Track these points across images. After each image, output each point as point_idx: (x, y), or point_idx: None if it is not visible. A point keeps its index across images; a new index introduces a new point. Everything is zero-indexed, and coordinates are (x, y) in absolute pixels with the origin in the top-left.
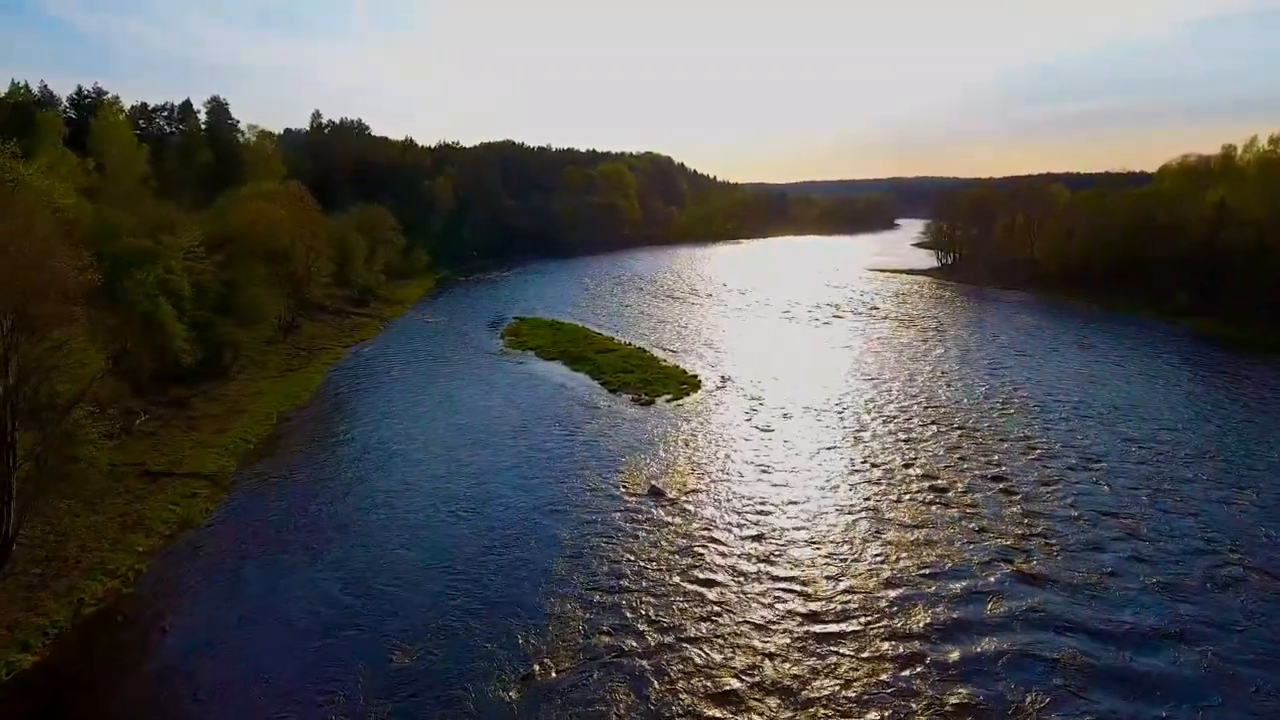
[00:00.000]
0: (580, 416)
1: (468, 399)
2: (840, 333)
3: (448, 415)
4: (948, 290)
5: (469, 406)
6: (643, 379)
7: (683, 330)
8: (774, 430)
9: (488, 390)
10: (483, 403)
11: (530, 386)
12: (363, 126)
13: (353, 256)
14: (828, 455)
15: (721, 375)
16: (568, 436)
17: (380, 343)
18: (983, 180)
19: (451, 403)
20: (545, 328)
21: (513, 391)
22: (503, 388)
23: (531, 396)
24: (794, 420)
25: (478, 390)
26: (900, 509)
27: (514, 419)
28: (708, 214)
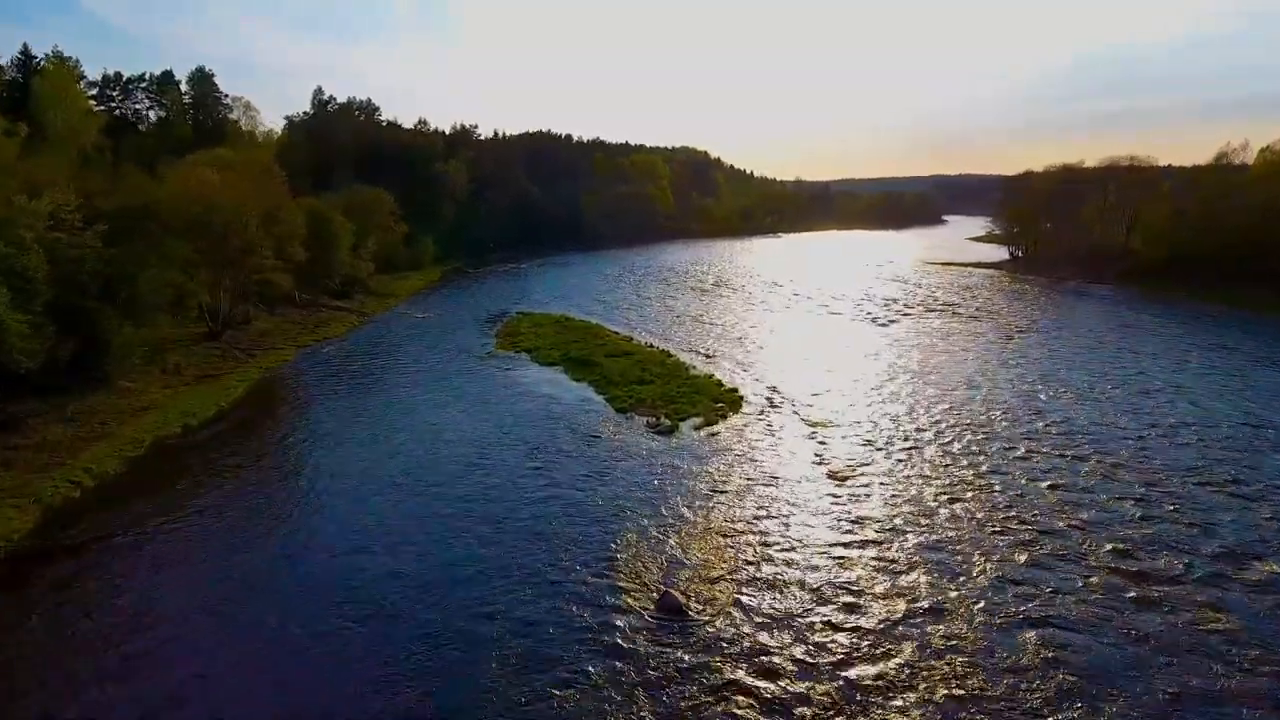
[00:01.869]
0: (568, 451)
1: (421, 420)
2: (908, 333)
3: (385, 443)
4: (1024, 284)
5: (419, 431)
6: (664, 393)
7: (718, 329)
8: (855, 480)
9: (452, 407)
10: (438, 425)
11: (511, 402)
12: (371, 107)
13: (334, 242)
14: (949, 526)
15: (768, 389)
16: (542, 488)
17: (346, 342)
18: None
19: (396, 425)
20: (549, 325)
21: (486, 410)
22: (473, 404)
23: (508, 418)
24: (880, 462)
25: (439, 407)
26: (1121, 648)
27: (470, 454)
28: (745, 207)
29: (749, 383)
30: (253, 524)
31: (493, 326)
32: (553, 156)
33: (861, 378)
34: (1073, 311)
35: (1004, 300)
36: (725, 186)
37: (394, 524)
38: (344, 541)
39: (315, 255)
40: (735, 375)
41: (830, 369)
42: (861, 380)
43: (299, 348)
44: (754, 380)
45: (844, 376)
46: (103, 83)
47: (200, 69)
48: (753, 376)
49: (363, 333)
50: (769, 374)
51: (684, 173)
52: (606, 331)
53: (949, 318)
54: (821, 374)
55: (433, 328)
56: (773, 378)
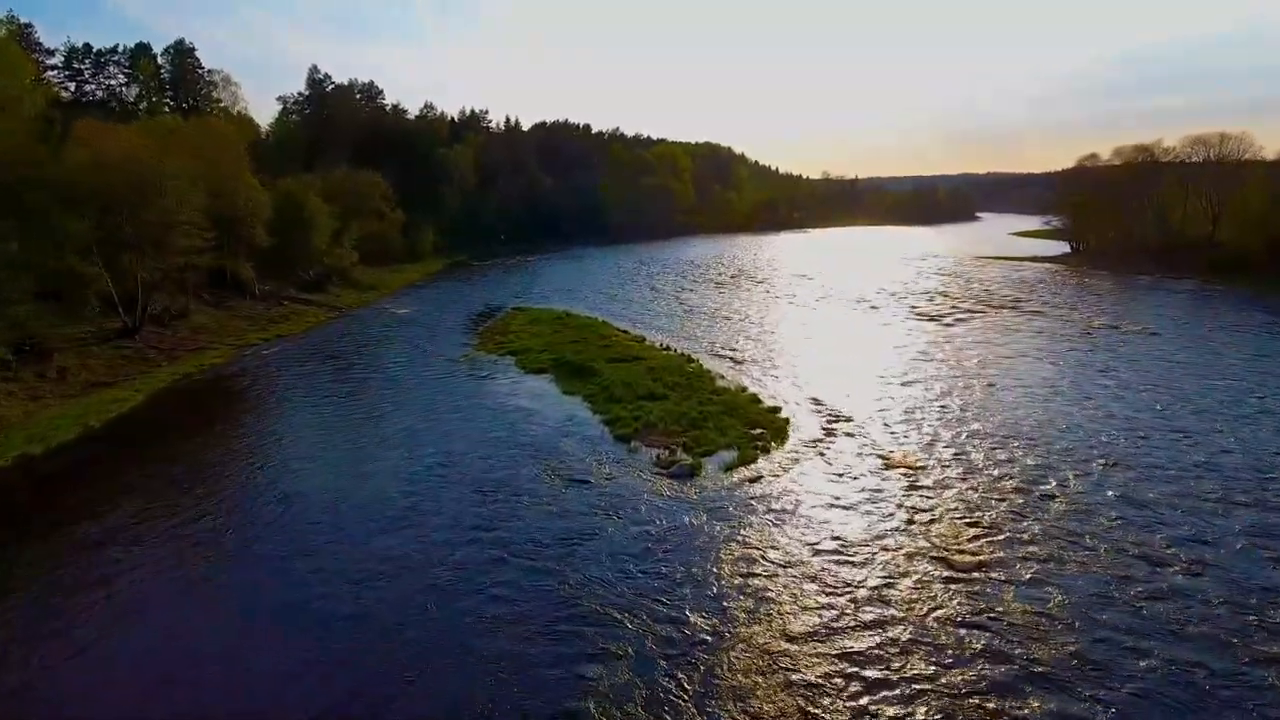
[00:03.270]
0: (536, 502)
1: (340, 452)
2: (977, 333)
3: (275, 487)
4: (1092, 279)
5: (331, 468)
6: (682, 414)
7: (746, 329)
8: (990, 573)
9: (392, 432)
10: (363, 459)
11: (474, 425)
12: (373, 90)
13: (309, 227)
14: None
15: (819, 406)
16: (475, 578)
17: (300, 342)
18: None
19: (305, 458)
20: (546, 322)
21: (435, 435)
22: (421, 427)
23: (461, 448)
24: (1018, 539)
25: (375, 432)
26: None
27: (386, 511)
28: (769, 200)
29: (792, 397)
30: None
31: (481, 324)
32: (569, 147)
33: (937, 390)
34: (1161, 310)
35: (1074, 296)
36: (748, 181)
37: (210, 651)
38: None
39: (285, 241)
40: (774, 387)
41: (890, 378)
42: (939, 394)
43: (239, 347)
44: (798, 394)
45: (914, 389)
46: (69, 54)
47: (180, 41)
48: (796, 388)
49: (326, 330)
50: (816, 385)
51: (706, 167)
52: (613, 330)
53: (1018, 315)
54: (882, 385)
55: (410, 325)
56: (822, 390)
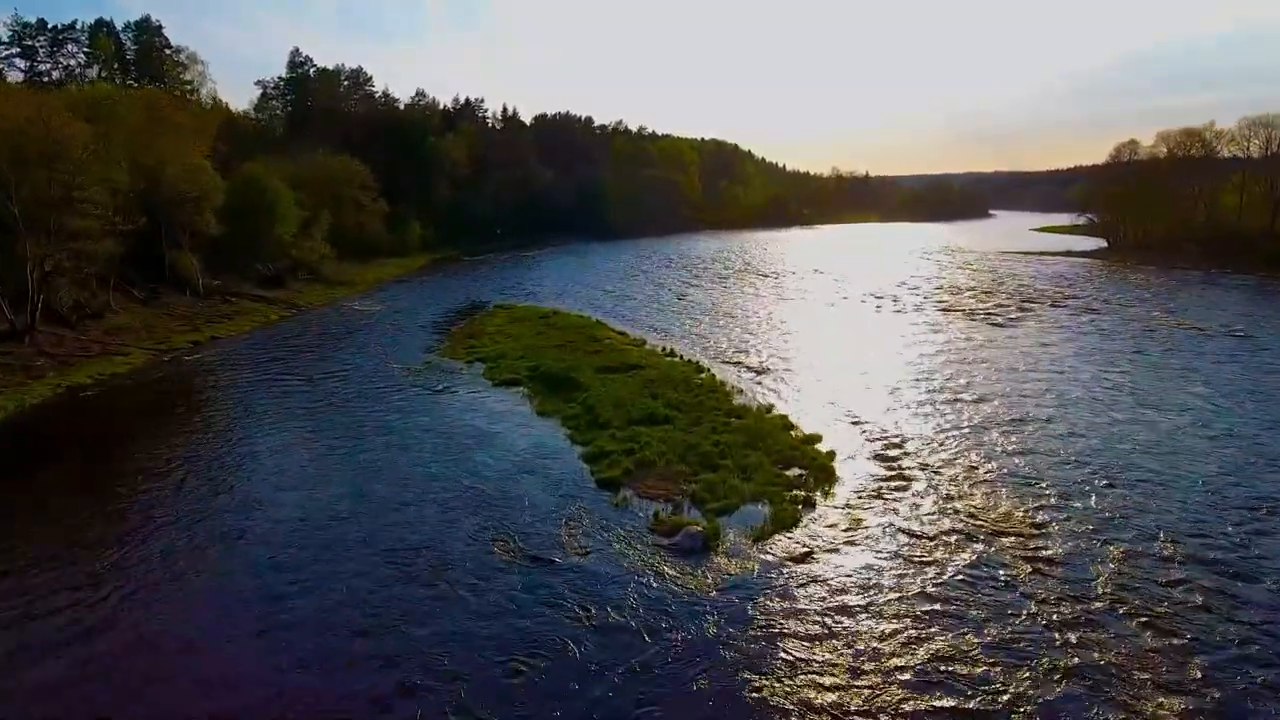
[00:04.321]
0: (460, 603)
1: (209, 501)
2: (1032, 333)
3: (124, 549)
4: (1137, 274)
5: (183, 529)
6: (690, 446)
7: (763, 330)
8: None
9: (302, 463)
10: (235, 508)
11: (411, 454)
12: (360, 77)
13: (269, 217)
14: None
15: (868, 432)
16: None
17: (237, 345)
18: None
19: (178, 504)
20: (529, 322)
21: (349, 472)
22: (341, 457)
23: (381, 493)
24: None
25: (279, 462)
26: None
27: (234, 602)
28: (778, 195)
29: (829, 418)
30: None
31: (455, 324)
32: (570, 139)
33: (1007, 406)
34: (1227, 306)
35: (1124, 292)
36: (756, 177)
37: None
38: None
39: (242, 231)
40: (804, 404)
41: (943, 390)
42: (1011, 411)
43: (158, 352)
44: (835, 413)
45: (980, 407)
46: (20, 30)
47: (146, 18)
48: (831, 406)
49: (273, 332)
50: (855, 401)
51: (713, 162)
52: (608, 332)
53: (1070, 313)
54: (935, 400)
55: (373, 325)
56: (864, 407)
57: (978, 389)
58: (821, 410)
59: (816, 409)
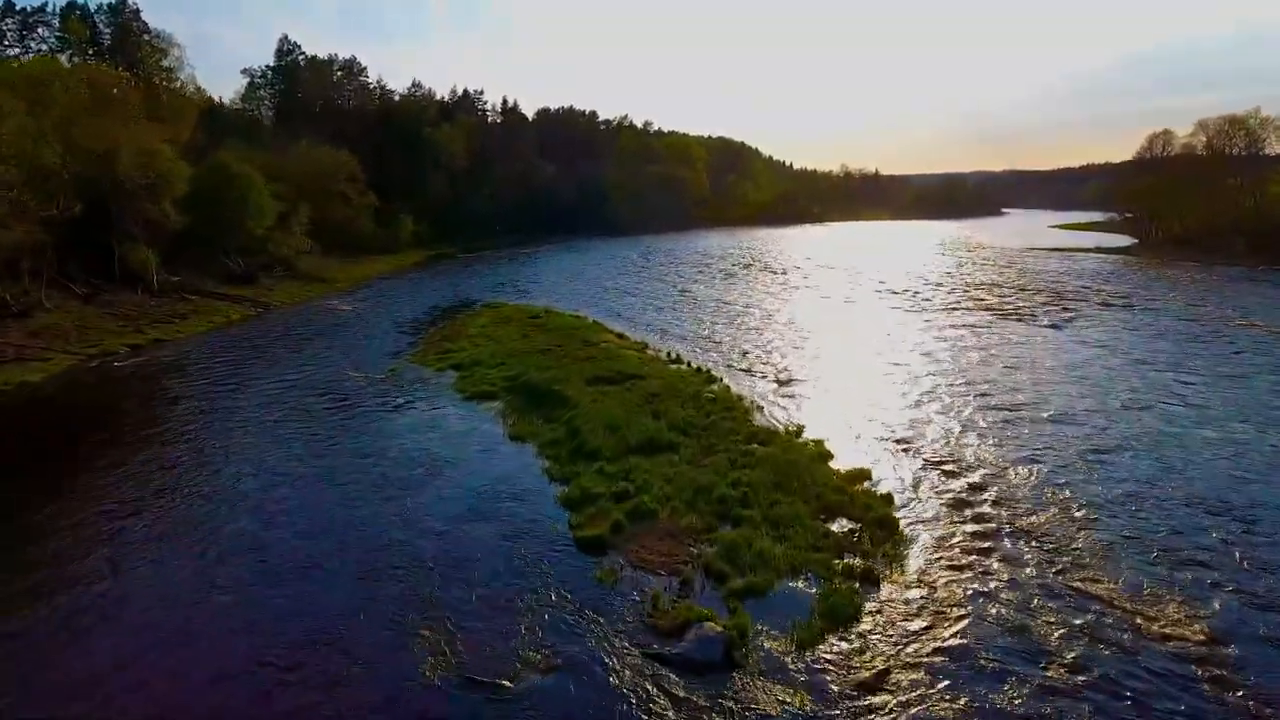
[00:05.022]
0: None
1: (55, 559)
2: (1094, 336)
3: None
4: (1179, 270)
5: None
6: (702, 487)
7: (783, 333)
8: None
9: (193, 503)
10: (91, 574)
11: (338, 490)
12: (355, 67)
13: (240, 208)
14: None
15: (925, 456)
16: None
17: (179, 350)
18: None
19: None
20: (516, 323)
21: (245, 517)
22: (247, 492)
23: (283, 545)
24: None
25: (165, 503)
26: None
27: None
28: (788, 193)
29: (876, 443)
30: None
31: (434, 325)
32: (574, 135)
33: (1096, 426)
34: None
35: (1175, 290)
36: (764, 174)
37: None
38: None
39: (208, 223)
40: (842, 422)
41: (1007, 406)
42: (1102, 435)
43: (86, 357)
44: (883, 436)
45: (1058, 426)
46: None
47: (122, 1)
48: (876, 424)
49: (229, 334)
50: (906, 420)
51: (720, 159)
52: (605, 335)
53: (1128, 312)
54: (1002, 418)
55: (344, 327)
56: (917, 428)
57: (1042, 402)
58: (862, 432)
59: (855, 430)
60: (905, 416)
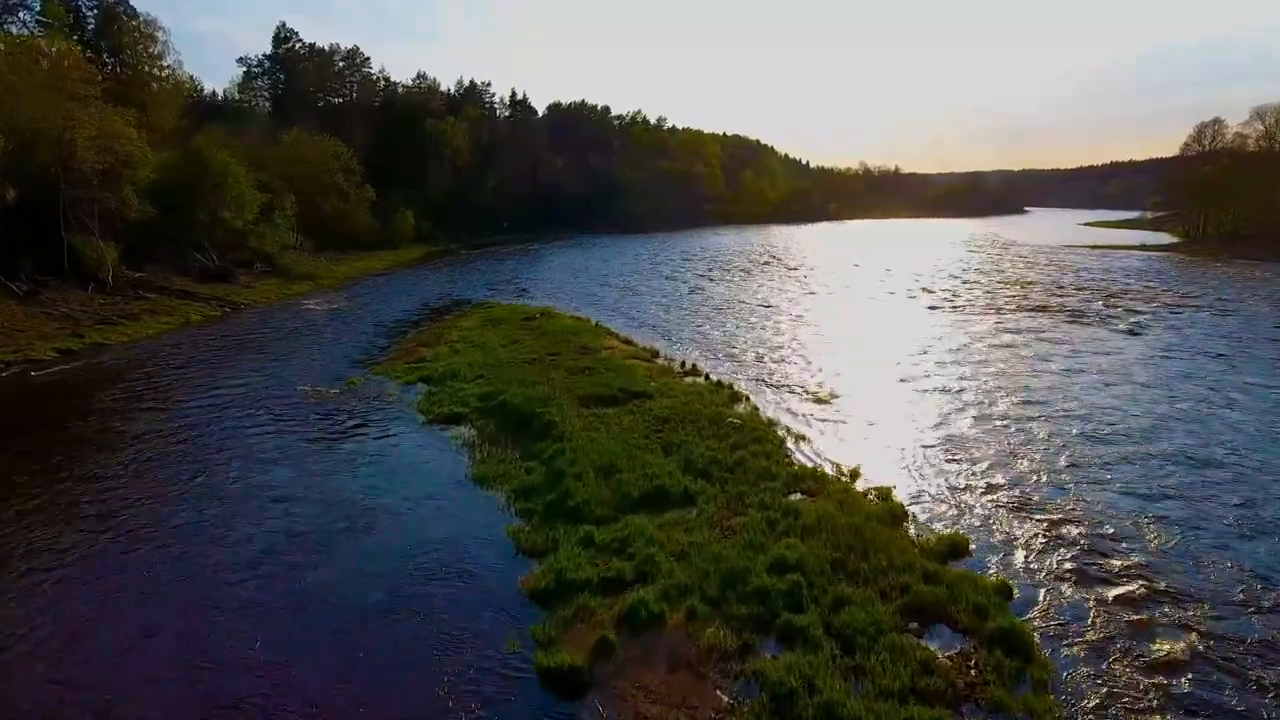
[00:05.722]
0: None
1: None
2: (1173, 345)
3: None
4: (1239, 267)
5: None
6: (732, 570)
7: (813, 340)
8: None
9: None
10: None
11: (204, 572)
12: (358, 57)
13: (216, 199)
14: None
15: (1041, 524)
16: None
17: (112, 356)
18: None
19: None
20: (510, 325)
21: (43, 616)
22: (87, 584)
23: (88, 669)
24: None
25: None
26: None
27: None
28: (805, 190)
29: (960, 490)
30: None
31: (418, 327)
32: (585, 129)
33: (1236, 468)
34: None
35: (1259, 292)
36: (780, 172)
37: None
38: None
39: (180, 215)
40: (909, 462)
41: (1111, 433)
42: (1247, 480)
43: (5, 365)
44: (964, 477)
45: (1218, 477)
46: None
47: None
48: (949, 461)
49: (185, 336)
50: (986, 453)
51: (735, 156)
52: (607, 340)
53: (1205, 317)
54: (1118, 455)
55: (316, 328)
56: (1005, 465)
57: (1161, 431)
58: (935, 473)
59: (926, 470)
60: (987, 450)
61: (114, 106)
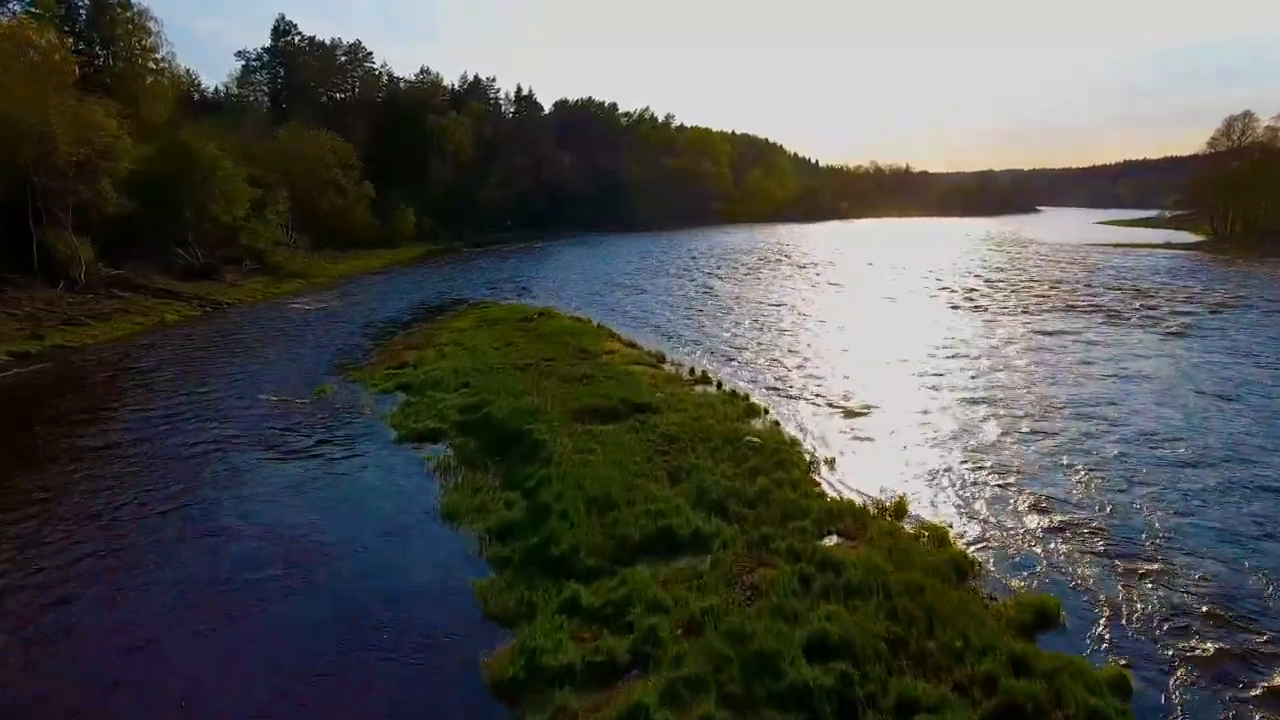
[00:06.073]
0: None
1: None
2: (1241, 352)
3: None
4: (1267, 266)
5: None
6: (751, 655)
7: (831, 343)
8: None
9: None
10: None
11: (58, 658)
12: (360, 52)
13: (203, 192)
14: None
15: (1150, 584)
16: None
17: (80, 359)
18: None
19: None
20: (501, 326)
21: None
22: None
23: None
24: None
25: None
26: None
27: None
28: (815, 188)
29: (1048, 543)
30: None
31: (408, 329)
32: (592, 127)
33: None
34: None
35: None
36: (789, 171)
37: None
38: None
39: (163, 209)
40: (973, 499)
41: (1204, 460)
42: None
43: None
44: (1051, 527)
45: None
46: None
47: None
48: (1026, 500)
49: (157, 337)
50: (1064, 488)
51: (744, 155)
52: (609, 343)
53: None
54: (1221, 483)
55: (300, 329)
56: (1100, 506)
57: (1241, 451)
58: (988, 501)
59: (978, 499)
60: (1048, 476)
61: (100, 97)
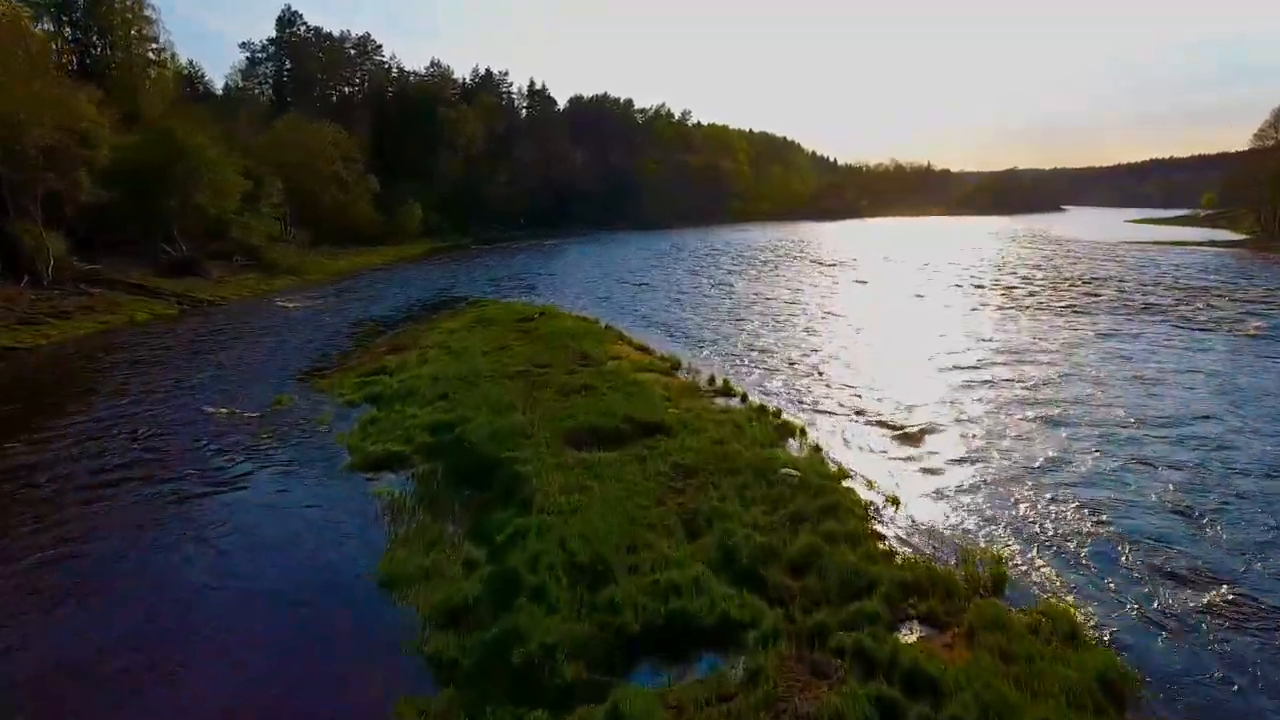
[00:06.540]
0: None
1: None
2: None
3: None
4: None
5: None
6: None
7: (864, 344)
8: None
9: None
10: None
11: None
12: (369, 44)
13: (189, 184)
14: None
15: None
16: None
17: (24, 363)
18: None
19: None
20: (496, 327)
21: None
22: None
23: None
24: None
25: None
26: None
27: None
28: (835, 184)
29: (1207, 628)
30: None
31: (394, 330)
32: (606, 123)
33: None
34: None
35: None
36: (808, 168)
37: None
38: None
39: (145, 202)
40: (1086, 561)
41: None
42: None
43: None
44: (1207, 610)
45: None
46: None
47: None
48: (1126, 549)
49: (124, 338)
50: (1205, 546)
51: (762, 153)
52: (616, 346)
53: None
54: None
55: (280, 329)
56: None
57: None
58: (1111, 564)
59: (1095, 562)
60: (1174, 524)
61: (85, 84)
